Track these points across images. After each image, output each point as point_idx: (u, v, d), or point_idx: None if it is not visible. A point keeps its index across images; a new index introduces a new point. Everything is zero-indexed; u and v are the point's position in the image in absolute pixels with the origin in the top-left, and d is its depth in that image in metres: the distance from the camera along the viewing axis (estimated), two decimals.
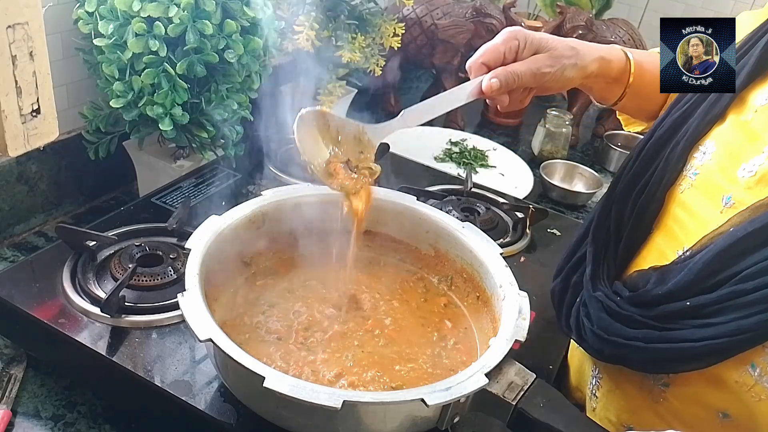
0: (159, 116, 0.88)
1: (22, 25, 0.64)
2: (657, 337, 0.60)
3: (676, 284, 0.59)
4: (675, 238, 0.64)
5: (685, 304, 0.59)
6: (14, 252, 0.93)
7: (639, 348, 0.61)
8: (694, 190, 0.64)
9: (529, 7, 1.82)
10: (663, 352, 0.60)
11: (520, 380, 0.59)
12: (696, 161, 0.65)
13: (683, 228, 0.64)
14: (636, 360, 0.62)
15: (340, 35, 1.18)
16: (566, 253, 0.74)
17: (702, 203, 0.62)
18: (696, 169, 0.64)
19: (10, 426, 0.67)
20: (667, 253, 0.64)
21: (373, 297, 0.76)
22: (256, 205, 0.75)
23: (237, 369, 0.54)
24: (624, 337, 0.62)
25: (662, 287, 0.60)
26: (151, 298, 0.73)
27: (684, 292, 0.59)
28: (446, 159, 1.37)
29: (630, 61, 0.75)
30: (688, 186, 0.65)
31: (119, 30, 0.85)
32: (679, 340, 0.58)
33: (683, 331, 0.58)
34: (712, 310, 0.57)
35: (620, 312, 0.63)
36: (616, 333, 0.63)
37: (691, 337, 0.58)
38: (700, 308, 0.58)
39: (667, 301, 0.60)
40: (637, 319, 0.62)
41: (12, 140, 0.68)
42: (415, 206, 0.80)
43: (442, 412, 0.57)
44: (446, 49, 1.45)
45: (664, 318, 0.60)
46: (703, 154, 0.64)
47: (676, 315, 0.59)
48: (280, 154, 1.07)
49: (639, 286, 0.63)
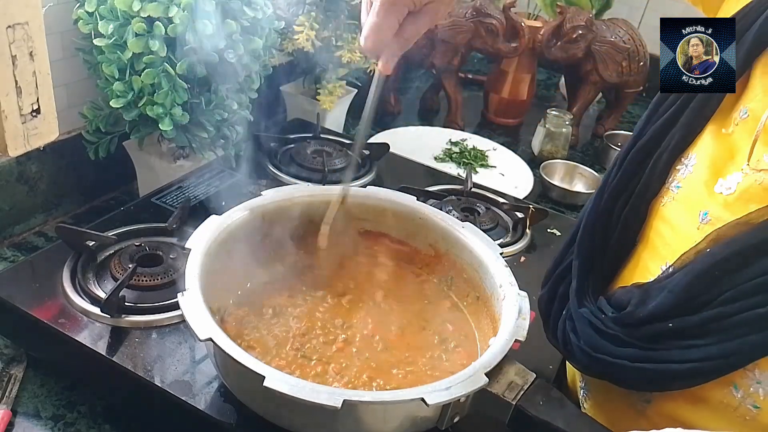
0: (159, 116, 0.88)
1: (22, 25, 0.64)
2: (642, 357, 0.59)
3: (657, 306, 0.58)
4: (658, 253, 0.63)
5: (667, 325, 0.58)
6: (14, 252, 0.93)
7: (625, 367, 0.60)
8: (676, 204, 0.62)
9: (529, 7, 1.82)
10: (648, 372, 0.59)
11: (520, 380, 0.59)
12: (679, 174, 0.63)
13: (665, 243, 0.62)
14: (622, 378, 0.62)
15: (340, 35, 1.19)
16: (553, 261, 0.72)
17: (682, 218, 0.61)
18: (678, 182, 0.63)
19: (10, 426, 0.67)
20: (651, 268, 0.63)
21: (372, 299, 0.76)
22: (256, 205, 0.75)
23: (237, 369, 0.54)
24: (611, 355, 0.61)
25: (644, 308, 0.59)
26: (151, 298, 0.73)
27: (666, 313, 0.58)
28: (446, 159, 1.37)
29: None
30: (670, 199, 0.63)
31: (119, 30, 0.85)
32: (665, 361, 0.58)
33: (669, 352, 0.58)
34: (695, 332, 0.56)
35: (606, 330, 0.62)
36: (603, 350, 0.62)
37: (676, 358, 0.57)
38: (683, 330, 0.57)
39: (650, 321, 0.59)
40: (623, 339, 0.60)
41: (12, 140, 0.68)
42: (415, 206, 0.80)
43: (442, 412, 0.57)
44: (446, 49, 1.45)
45: (648, 339, 0.59)
46: (685, 167, 0.63)
47: (660, 336, 0.58)
48: (280, 154, 1.07)
49: (622, 305, 0.62)
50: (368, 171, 1.08)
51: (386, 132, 1.39)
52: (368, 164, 1.09)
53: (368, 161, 1.10)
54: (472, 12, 1.41)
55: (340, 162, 1.06)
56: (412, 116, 1.61)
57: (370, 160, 1.10)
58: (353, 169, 0.92)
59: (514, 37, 1.43)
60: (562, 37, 1.44)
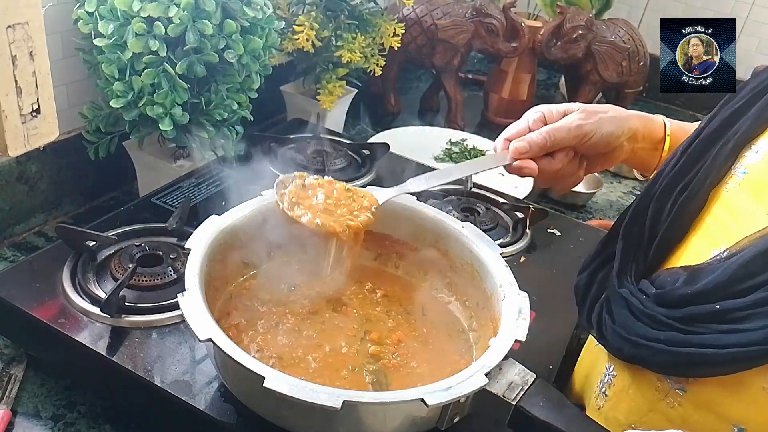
0: (159, 116, 0.88)
1: (22, 25, 0.64)
2: (680, 340, 0.57)
3: (706, 285, 0.57)
4: (712, 238, 0.61)
5: (714, 306, 0.56)
6: (14, 252, 0.93)
7: (660, 350, 0.58)
8: (741, 189, 0.61)
9: (529, 7, 1.82)
10: (685, 356, 0.57)
11: (520, 380, 0.59)
12: (746, 160, 0.62)
13: (723, 227, 0.61)
14: (656, 362, 0.60)
15: (340, 35, 1.18)
16: (595, 249, 0.71)
17: (747, 203, 0.59)
18: (745, 168, 0.61)
19: (10, 426, 0.67)
20: (702, 253, 0.61)
21: (372, 298, 0.76)
22: (256, 205, 0.75)
23: (237, 369, 0.54)
24: (645, 337, 0.60)
25: (691, 287, 0.58)
26: (151, 298, 0.73)
27: (714, 293, 0.56)
28: (446, 159, 1.37)
29: (666, 126, 0.75)
30: (735, 185, 0.62)
31: (119, 30, 0.85)
32: (704, 345, 0.56)
33: (709, 336, 0.56)
34: (741, 315, 0.55)
35: (644, 311, 0.61)
36: (637, 332, 0.61)
37: (716, 342, 0.55)
38: (729, 312, 0.55)
39: (696, 302, 0.57)
40: (661, 320, 0.59)
41: (12, 140, 0.68)
42: (415, 206, 0.80)
43: (442, 412, 0.57)
44: (446, 49, 1.45)
45: (689, 320, 0.58)
46: (755, 153, 0.61)
47: (703, 318, 0.57)
48: (281, 154, 1.07)
49: (667, 285, 0.61)
50: (368, 171, 1.07)
51: (386, 132, 1.39)
52: (368, 164, 1.09)
53: (368, 161, 1.10)
54: (472, 12, 1.41)
55: (340, 162, 1.06)
56: (412, 116, 1.61)
57: (370, 160, 1.10)
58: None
59: (514, 37, 1.43)
60: (562, 37, 1.44)
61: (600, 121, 0.70)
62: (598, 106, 0.71)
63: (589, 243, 0.99)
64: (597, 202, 1.35)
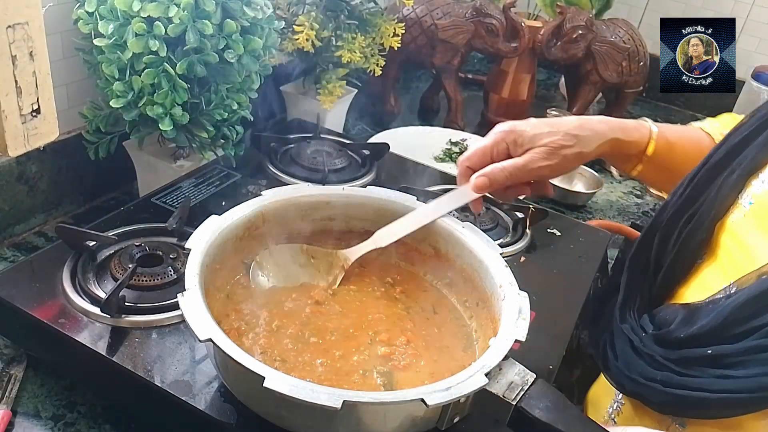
0: (159, 116, 0.88)
1: (22, 25, 0.64)
2: (675, 382, 0.58)
3: (701, 328, 0.57)
4: (723, 270, 0.61)
5: (706, 351, 0.56)
6: (14, 252, 0.93)
7: (657, 390, 0.59)
8: (747, 220, 0.60)
9: (529, 7, 1.82)
10: (681, 398, 0.57)
11: (520, 380, 0.59)
12: (753, 189, 0.61)
13: (731, 260, 0.60)
14: (654, 401, 0.61)
15: (340, 35, 1.18)
16: (609, 278, 0.72)
17: (753, 234, 0.59)
18: (752, 198, 0.61)
19: (10, 426, 0.67)
20: (712, 286, 0.60)
21: (372, 299, 0.76)
22: (256, 205, 0.75)
23: (237, 369, 0.54)
24: (644, 376, 0.60)
25: (687, 329, 0.58)
26: (151, 298, 0.73)
27: (708, 337, 0.56)
28: (446, 159, 1.37)
29: (652, 137, 0.72)
30: (741, 215, 0.61)
31: (119, 30, 0.85)
32: (697, 389, 0.56)
33: (702, 379, 0.56)
34: (733, 362, 0.55)
35: (643, 349, 0.61)
36: (638, 371, 0.61)
37: (709, 387, 0.55)
38: (722, 358, 0.55)
39: (690, 345, 0.57)
40: (659, 360, 0.59)
41: (12, 140, 0.68)
42: (415, 206, 0.80)
43: (442, 412, 0.57)
44: (446, 49, 1.45)
45: (684, 362, 0.58)
46: (761, 183, 0.61)
47: (696, 361, 0.57)
48: (280, 154, 1.07)
49: (665, 324, 0.60)
50: (368, 171, 1.07)
51: (386, 132, 1.39)
52: (368, 164, 1.09)
53: (368, 161, 1.10)
54: (472, 12, 1.41)
55: (340, 162, 1.06)
56: (412, 116, 1.61)
57: (370, 160, 1.10)
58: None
59: (514, 37, 1.43)
60: (562, 37, 1.44)
61: (563, 161, 0.69)
62: (567, 138, 0.69)
63: (589, 243, 0.99)
64: (597, 202, 1.35)
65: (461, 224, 0.77)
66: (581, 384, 0.87)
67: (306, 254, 0.77)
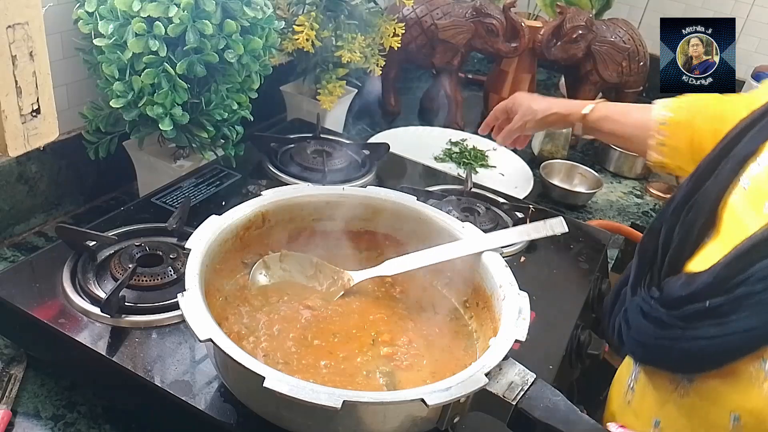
0: (159, 116, 0.88)
1: (22, 25, 0.64)
2: (680, 336, 0.65)
3: (698, 286, 0.64)
4: (724, 244, 0.67)
5: (704, 305, 0.63)
6: (14, 252, 0.93)
7: (665, 348, 0.66)
8: (744, 198, 0.67)
9: (529, 7, 1.82)
10: (685, 351, 0.64)
11: (520, 380, 0.59)
12: (750, 171, 0.67)
13: (730, 234, 0.66)
14: (663, 361, 0.68)
15: (340, 35, 1.18)
16: (623, 275, 0.79)
17: (747, 210, 0.65)
18: (749, 180, 0.67)
19: (10, 426, 0.67)
20: (714, 258, 0.66)
21: (372, 299, 0.76)
22: (256, 205, 0.75)
23: (237, 369, 0.54)
24: (654, 337, 0.67)
25: (686, 289, 0.65)
26: (151, 298, 0.73)
27: (704, 293, 0.63)
28: (446, 159, 1.37)
29: (588, 107, 1.06)
30: (740, 194, 0.67)
31: (119, 30, 0.85)
32: (699, 338, 0.63)
33: (702, 330, 0.63)
34: (726, 310, 0.61)
35: (652, 313, 0.67)
36: (647, 334, 0.68)
37: (706, 335, 0.62)
38: (716, 308, 0.62)
39: (690, 302, 0.64)
40: (665, 321, 0.66)
41: (12, 140, 0.68)
42: (415, 206, 0.80)
43: (442, 412, 0.57)
44: (446, 49, 1.45)
45: (686, 319, 0.64)
46: (758, 165, 0.67)
47: (697, 316, 0.64)
48: (280, 154, 1.07)
49: (670, 290, 0.67)
50: (368, 171, 1.07)
51: (386, 132, 1.39)
52: (368, 164, 1.09)
53: (368, 161, 1.10)
54: (472, 12, 1.41)
55: (340, 162, 1.06)
56: (412, 116, 1.61)
57: (370, 160, 1.10)
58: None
59: (514, 37, 1.43)
60: (562, 37, 1.44)
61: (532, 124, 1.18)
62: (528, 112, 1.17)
63: (589, 243, 0.99)
64: (597, 202, 1.35)
65: (461, 224, 0.77)
66: (581, 384, 0.87)
67: (315, 267, 0.77)
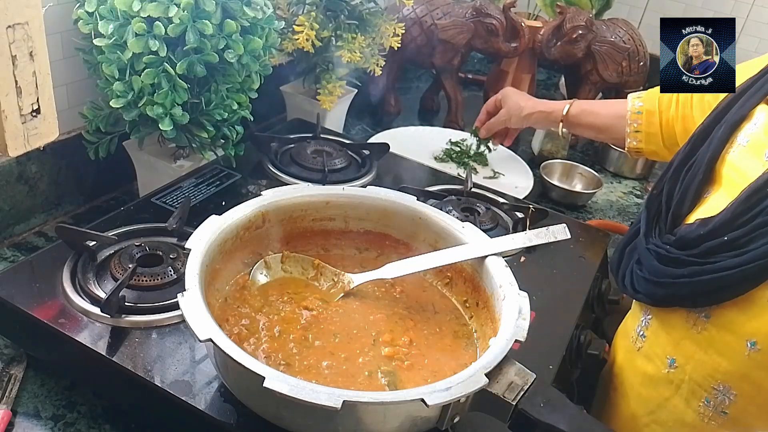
0: (159, 116, 0.88)
1: (22, 25, 0.64)
2: (699, 271, 0.69)
3: (715, 224, 0.69)
4: (725, 195, 0.72)
5: (723, 239, 0.68)
6: (14, 252, 0.93)
7: (685, 283, 0.71)
8: (744, 152, 0.71)
9: (529, 7, 1.82)
10: (705, 283, 0.69)
11: (520, 380, 0.59)
12: (747, 130, 0.72)
13: (732, 184, 0.71)
14: (684, 295, 0.72)
15: (340, 35, 1.18)
16: (625, 236, 0.85)
17: (748, 161, 0.71)
18: (747, 137, 0.72)
19: (10, 426, 0.67)
20: (718, 208, 0.71)
21: (373, 299, 0.76)
22: (256, 205, 0.75)
23: (237, 369, 0.54)
24: (672, 276, 0.72)
25: (705, 228, 0.70)
26: (151, 298, 0.73)
27: (723, 229, 0.68)
28: (446, 159, 1.37)
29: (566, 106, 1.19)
30: (738, 150, 0.72)
31: (119, 30, 0.85)
32: (718, 270, 0.68)
33: (721, 263, 0.68)
34: (745, 241, 0.67)
35: (669, 256, 0.73)
36: (665, 275, 0.73)
37: (727, 266, 0.67)
38: (735, 240, 0.67)
39: (709, 238, 0.69)
40: (684, 260, 0.71)
41: (12, 140, 0.68)
42: (415, 206, 0.80)
43: (442, 412, 0.57)
44: (446, 49, 1.45)
45: (705, 254, 0.70)
46: (754, 125, 0.72)
47: (716, 250, 0.69)
48: (280, 154, 1.07)
49: (686, 233, 0.72)
50: (368, 171, 1.07)
51: (386, 132, 1.39)
52: (368, 164, 1.09)
53: (368, 161, 1.10)
54: (472, 12, 1.41)
55: (340, 162, 1.06)
56: (412, 116, 1.61)
57: (370, 160, 1.10)
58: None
59: (514, 37, 1.43)
60: (562, 37, 1.44)
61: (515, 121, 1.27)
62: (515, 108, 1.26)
63: (589, 243, 0.99)
64: (597, 202, 1.35)
65: (461, 224, 0.77)
66: (581, 384, 0.87)
67: (316, 269, 0.78)
